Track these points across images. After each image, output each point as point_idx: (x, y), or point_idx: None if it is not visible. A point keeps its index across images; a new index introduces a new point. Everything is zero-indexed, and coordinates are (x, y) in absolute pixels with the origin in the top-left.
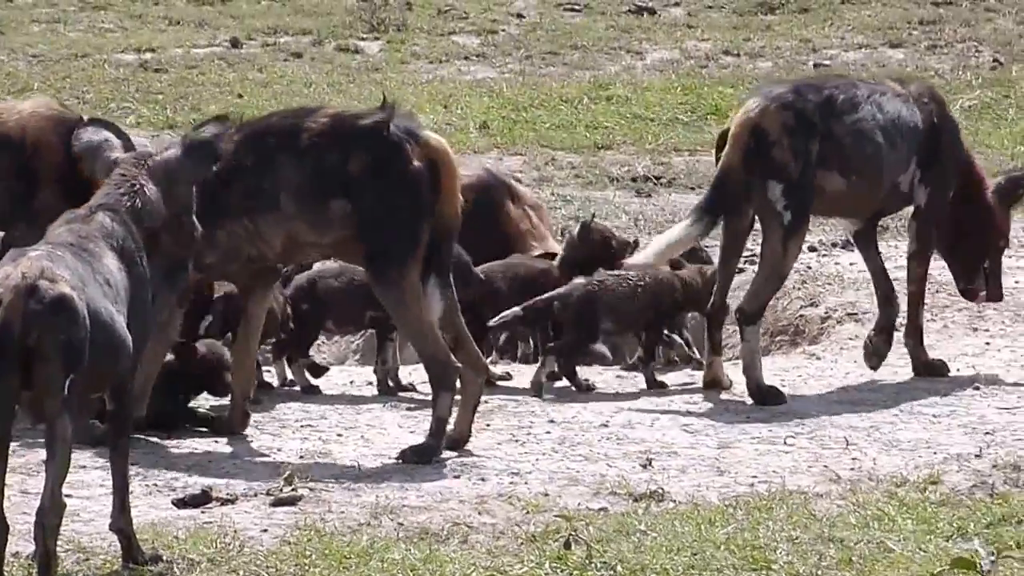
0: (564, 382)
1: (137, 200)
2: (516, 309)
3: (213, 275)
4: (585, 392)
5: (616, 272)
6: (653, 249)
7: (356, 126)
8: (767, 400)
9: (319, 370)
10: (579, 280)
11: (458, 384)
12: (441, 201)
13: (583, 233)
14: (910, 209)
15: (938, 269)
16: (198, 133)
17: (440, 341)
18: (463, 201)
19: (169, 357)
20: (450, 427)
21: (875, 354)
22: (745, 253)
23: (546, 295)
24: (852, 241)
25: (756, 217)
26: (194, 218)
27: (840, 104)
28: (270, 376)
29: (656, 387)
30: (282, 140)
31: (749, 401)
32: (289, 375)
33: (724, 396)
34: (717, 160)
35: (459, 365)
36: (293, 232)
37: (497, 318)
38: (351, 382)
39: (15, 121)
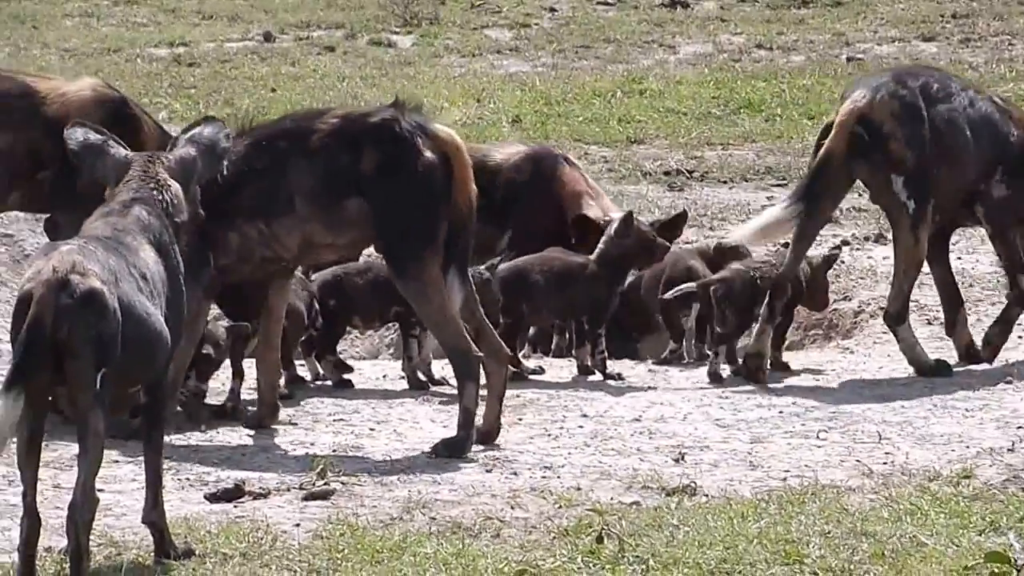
0: (596, 376)
1: (166, 195)
2: (691, 284)
3: (226, 277)
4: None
5: (761, 260)
6: (749, 229)
7: (366, 124)
8: (940, 373)
9: (344, 367)
10: (737, 265)
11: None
12: (455, 193)
13: (622, 228)
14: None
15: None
16: (210, 133)
17: (462, 332)
18: (520, 173)
19: None
20: (479, 421)
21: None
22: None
23: (715, 276)
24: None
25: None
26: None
27: (935, 93)
28: (304, 371)
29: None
30: (294, 143)
31: (781, 396)
32: (320, 370)
33: (756, 391)
34: (816, 151)
35: (481, 355)
36: (308, 234)
37: (673, 291)
38: (384, 376)
39: (59, 103)
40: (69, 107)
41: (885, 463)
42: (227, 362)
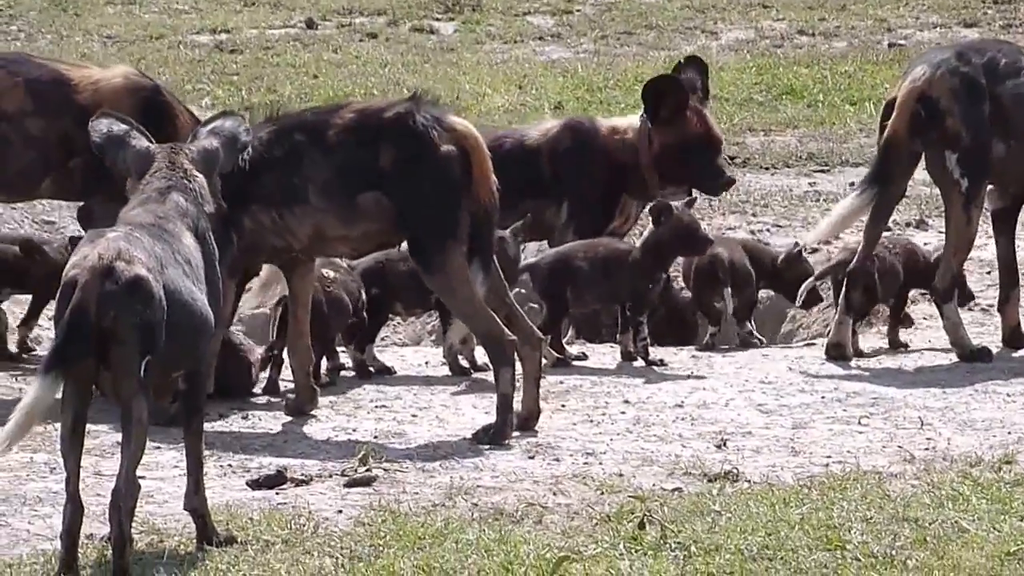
0: (639, 362)
1: (195, 184)
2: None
3: (236, 265)
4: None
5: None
6: (828, 222)
7: (382, 119)
8: (981, 358)
9: (364, 369)
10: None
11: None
12: (474, 184)
13: (659, 216)
14: None
15: None
16: (231, 126)
17: (492, 317)
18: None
19: None
20: (519, 407)
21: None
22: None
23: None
24: (992, 218)
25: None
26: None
27: (1003, 68)
28: (348, 357)
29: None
30: (311, 136)
31: (823, 381)
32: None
33: (798, 377)
34: (881, 131)
35: (514, 338)
36: (321, 226)
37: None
38: (426, 363)
39: (92, 91)
40: (101, 95)
41: (927, 449)
42: None
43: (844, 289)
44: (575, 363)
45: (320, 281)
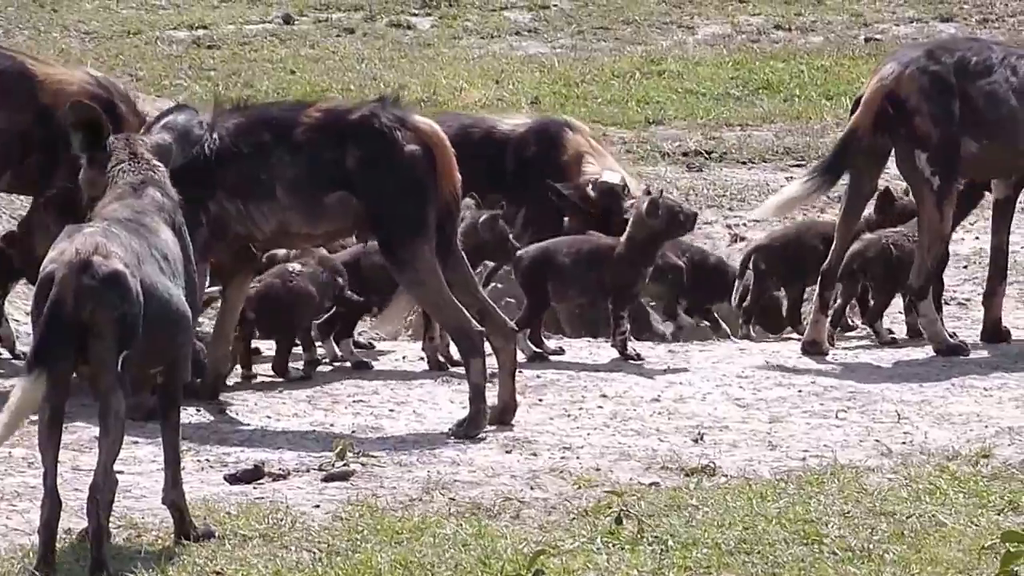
0: (614, 354)
1: (160, 174)
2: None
3: (203, 251)
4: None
5: (895, 230)
6: (773, 203)
7: (347, 120)
8: (958, 352)
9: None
10: (870, 236)
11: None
12: (439, 181)
13: (651, 208)
14: None
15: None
16: (184, 120)
17: (461, 311)
18: (529, 146)
19: None
20: (494, 400)
21: None
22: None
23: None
24: (992, 209)
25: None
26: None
27: (973, 66)
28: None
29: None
30: (278, 134)
31: (800, 375)
32: (339, 352)
33: (775, 371)
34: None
35: (482, 330)
36: (285, 222)
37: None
38: (404, 358)
39: (52, 91)
40: (62, 96)
41: (904, 443)
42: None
43: (818, 290)
44: (552, 357)
45: (281, 276)
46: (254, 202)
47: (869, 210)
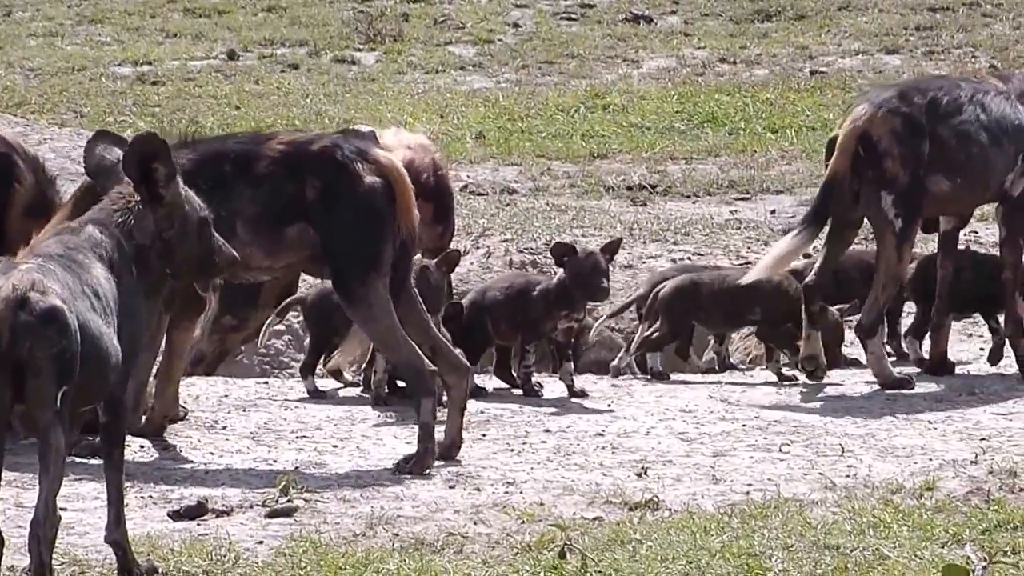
0: (559, 391)
1: (130, 217)
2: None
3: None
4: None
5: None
6: (765, 263)
7: (308, 152)
8: (902, 386)
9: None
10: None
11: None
12: (398, 215)
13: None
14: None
15: None
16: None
17: (412, 348)
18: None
19: None
20: (441, 435)
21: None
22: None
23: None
24: (939, 242)
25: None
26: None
27: (944, 106)
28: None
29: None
30: (238, 169)
31: (744, 409)
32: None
33: (719, 405)
34: (826, 166)
35: (434, 368)
36: (246, 256)
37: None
38: (346, 392)
39: None
40: None
41: (848, 476)
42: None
43: (804, 304)
44: (495, 392)
45: None
46: None
47: None
